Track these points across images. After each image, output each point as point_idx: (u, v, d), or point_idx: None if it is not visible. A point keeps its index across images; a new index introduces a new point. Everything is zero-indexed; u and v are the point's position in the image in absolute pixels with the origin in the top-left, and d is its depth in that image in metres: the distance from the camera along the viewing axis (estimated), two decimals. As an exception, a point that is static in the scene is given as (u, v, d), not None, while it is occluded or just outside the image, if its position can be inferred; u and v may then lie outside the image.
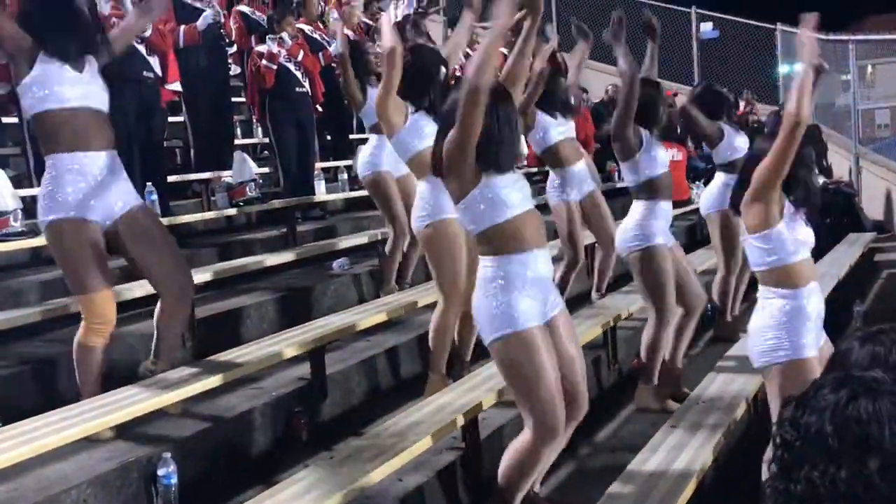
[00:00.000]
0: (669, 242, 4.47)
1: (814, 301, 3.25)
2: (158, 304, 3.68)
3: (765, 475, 3.22)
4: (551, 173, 5.63)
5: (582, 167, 5.61)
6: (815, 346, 3.21)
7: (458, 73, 6.30)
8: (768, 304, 3.24)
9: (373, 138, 5.45)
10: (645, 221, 4.37)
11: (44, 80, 3.37)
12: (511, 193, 2.95)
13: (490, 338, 2.98)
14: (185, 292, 3.73)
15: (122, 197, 3.54)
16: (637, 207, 4.43)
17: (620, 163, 4.54)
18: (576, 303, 5.72)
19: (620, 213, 8.74)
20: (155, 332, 3.68)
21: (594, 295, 5.88)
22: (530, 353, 2.92)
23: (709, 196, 5.85)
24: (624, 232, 4.46)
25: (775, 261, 3.22)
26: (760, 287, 3.32)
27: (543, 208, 5.29)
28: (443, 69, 4.14)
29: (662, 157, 4.49)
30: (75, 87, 3.41)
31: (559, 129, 5.45)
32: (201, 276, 4.69)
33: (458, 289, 4.03)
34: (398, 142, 4.10)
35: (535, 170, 8.60)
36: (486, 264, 2.99)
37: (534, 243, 2.98)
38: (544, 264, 3.03)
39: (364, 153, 5.51)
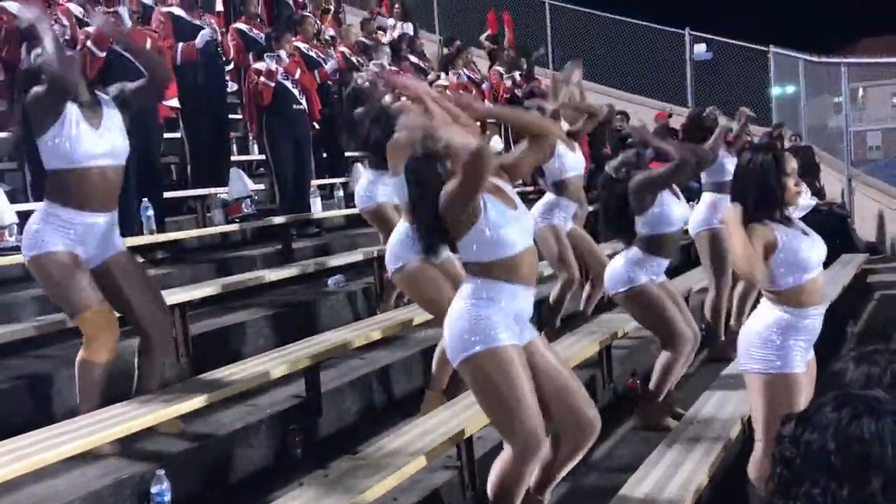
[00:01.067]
0: (658, 279, 4.46)
1: (812, 322, 3.26)
2: (139, 344, 3.65)
3: (753, 479, 3.23)
4: (546, 196, 5.59)
5: (576, 204, 5.58)
6: (804, 361, 3.23)
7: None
8: (769, 312, 3.26)
9: (367, 172, 5.50)
10: (634, 268, 4.36)
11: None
12: (511, 233, 2.85)
13: (462, 356, 2.84)
14: (167, 335, 3.78)
15: (107, 247, 3.57)
16: (633, 251, 4.39)
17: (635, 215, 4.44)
18: (570, 321, 5.73)
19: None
20: (136, 372, 3.64)
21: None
22: (506, 369, 2.80)
23: (697, 216, 5.86)
24: (612, 270, 4.45)
25: (778, 286, 3.23)
26: (763, 296, 3.33)
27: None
28: None
29: (677, 214, 4.43)
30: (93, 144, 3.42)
31: (574, 160, 5.45)
32: (197, 292, 4.69)
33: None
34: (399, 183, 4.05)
35: (530, 188, 8.62)
36: (470, 282, 2.91)
37: (525, 279, 2.90)
38: (527, 301, 2.95)
39: (360, 186, 5.56)
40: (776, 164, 3.23)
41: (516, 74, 10.68)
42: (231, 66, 7.76)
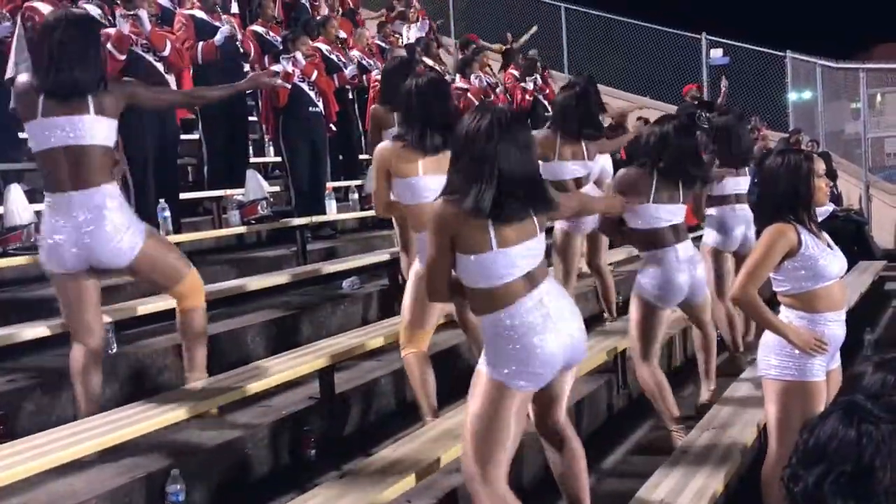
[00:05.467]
0: None
1: (829, 329, 3.24)
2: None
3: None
4: None
5: None
6: (823, 370, 3.21)
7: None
8: (784, 318, 3.25)
9: None
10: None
11: None
12: (517, 266, 2.72)
13: (484, 367, 2.78)
14: None
15: None
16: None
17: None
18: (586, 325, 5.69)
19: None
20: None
21: (606, 317, 5.87)
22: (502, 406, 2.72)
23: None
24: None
25: (790, 289, 3.24)
26: (781, 306, 3.32)
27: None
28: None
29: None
30: None
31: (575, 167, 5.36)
32: (212, 293, 4.70)
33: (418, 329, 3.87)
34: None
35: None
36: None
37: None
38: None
39: None
40: (806, 165, 3.22)
41: (537, 78, 10.66)
42: (247, 67, 7.80)
